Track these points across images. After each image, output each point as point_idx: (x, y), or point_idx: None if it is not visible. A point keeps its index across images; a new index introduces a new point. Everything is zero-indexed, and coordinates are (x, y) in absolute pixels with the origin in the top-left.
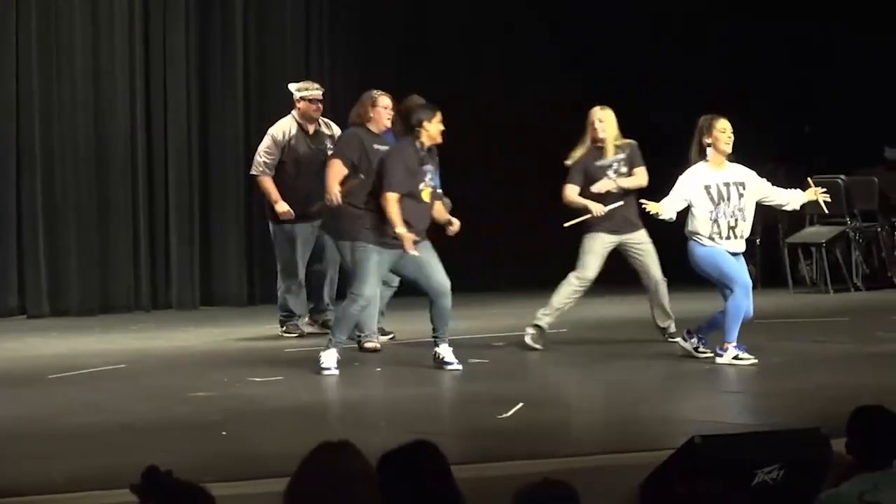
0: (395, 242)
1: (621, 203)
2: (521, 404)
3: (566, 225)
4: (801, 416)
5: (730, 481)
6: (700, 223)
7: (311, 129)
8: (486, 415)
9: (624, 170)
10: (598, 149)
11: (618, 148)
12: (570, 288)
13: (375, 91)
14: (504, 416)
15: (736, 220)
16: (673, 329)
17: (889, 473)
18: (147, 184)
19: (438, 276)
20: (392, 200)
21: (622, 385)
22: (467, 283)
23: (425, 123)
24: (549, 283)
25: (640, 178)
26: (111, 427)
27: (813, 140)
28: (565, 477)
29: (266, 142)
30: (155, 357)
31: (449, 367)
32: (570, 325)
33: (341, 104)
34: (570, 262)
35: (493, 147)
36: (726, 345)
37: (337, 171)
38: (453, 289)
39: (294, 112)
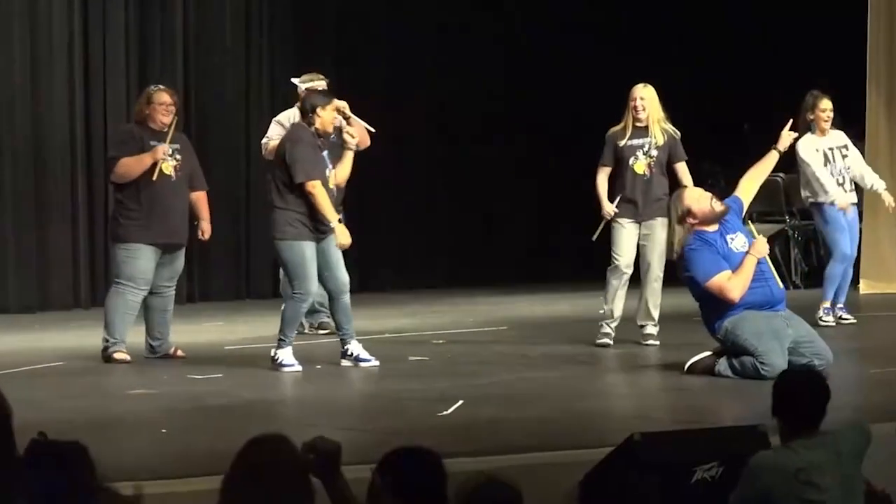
0: (316, 234)
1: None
2: (461, 402)
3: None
4: (740, 414)
5: (668, 478)
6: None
7: None
8: (426, 412)
9: (654, 153)
10: (635, 128)
11: (664, 132)
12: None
13: (153, 87)
14: (444, 413)
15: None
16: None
17: (823, 447)
18: (86, 179)
19: (343, 272)
20: (317, 188)
21: (562, 382)
22: (431, 279)
23: (319, 110)
24: (490, 279)
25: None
26: (49, 425)
27: (752, 138)
28: (505, 474)
29: (273, 127)
30: (94, 355)
31: (365, 363)
32: (511, 323)
33: (279, 85)
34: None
35: (448, 144)
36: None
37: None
38: (419, 284)
39: (298, 105)
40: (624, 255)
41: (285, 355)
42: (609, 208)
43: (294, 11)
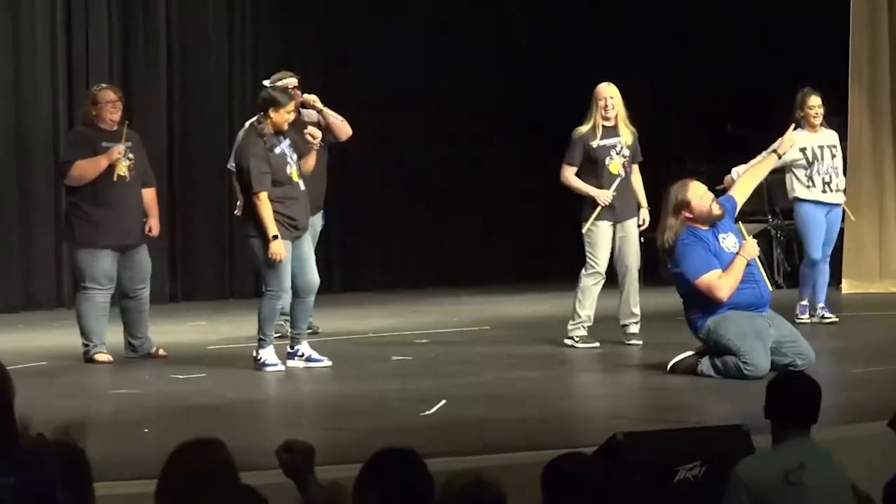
0: (291, 232)
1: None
2: (443, 401)
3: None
4: (722, 413)
5: (651, 478)
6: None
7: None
8: (409, 412)
9: (626, 153)
10: (605, 128)
11: (630, 132)
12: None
13: (96, 86)
14: (427, 413)
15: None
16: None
17: (813, 450)
18: None
19: (313, 272)
20: (262, 200)
21: (546, 382)
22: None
23: (271, 111)
24: (490, 279)
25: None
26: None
27: (735, 139)
28: (488, 474)
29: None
30: (77, 355)
31: (317, 363)
32: (495, 323)
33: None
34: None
35: (448, 144)
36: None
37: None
38: (419, 285)
39: None
40: (603, 258)
41: (268, 355)
42: (607, 193)
43: (279, 8)
